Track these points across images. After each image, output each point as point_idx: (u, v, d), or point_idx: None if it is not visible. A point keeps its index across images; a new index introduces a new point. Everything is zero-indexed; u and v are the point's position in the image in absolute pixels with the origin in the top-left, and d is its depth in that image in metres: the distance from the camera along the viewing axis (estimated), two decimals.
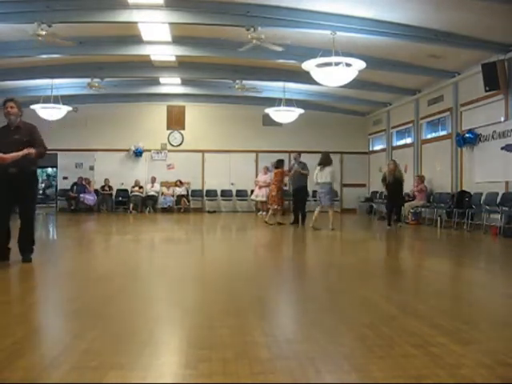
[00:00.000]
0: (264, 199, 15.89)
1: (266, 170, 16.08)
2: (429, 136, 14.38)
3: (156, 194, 17.42)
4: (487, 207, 10.28)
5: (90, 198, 16.50)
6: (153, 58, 12.54)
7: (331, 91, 14.82)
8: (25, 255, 5.58)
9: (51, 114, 14.06)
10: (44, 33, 8.71)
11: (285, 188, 15.74)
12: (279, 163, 12.04)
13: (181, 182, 17.37)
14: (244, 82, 14.24)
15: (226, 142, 17.84)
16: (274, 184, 11.85)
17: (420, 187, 13.08)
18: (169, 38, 11.06)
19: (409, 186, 13.97)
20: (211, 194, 17.92)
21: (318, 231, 10.08)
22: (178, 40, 11.22)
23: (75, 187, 16.64)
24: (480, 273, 5.86)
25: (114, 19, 9.30)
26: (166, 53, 11.90)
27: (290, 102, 14.93)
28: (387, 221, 11.45)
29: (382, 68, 11.88)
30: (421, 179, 13.27)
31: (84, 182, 16.59)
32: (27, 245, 5.63)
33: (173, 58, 12.63)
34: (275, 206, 11.61)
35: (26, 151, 5.27)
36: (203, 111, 18.10)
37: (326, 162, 10.64)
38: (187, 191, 17.57)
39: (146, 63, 13.14)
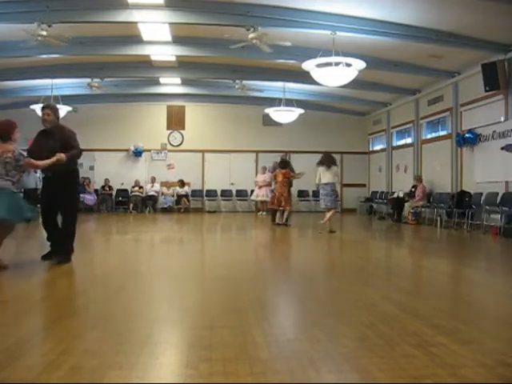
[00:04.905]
0: (264, 199, 15.89)
1: (265, 169, 16.08)
2: (429, 136, 14.37)
3: (156, 194, 17.42)
4: (487, 207, 10.28)
5: (89, 198, 16.48)
6: (153, 58, 12.54)
7: (331, 91, 14.82)
8: (58, 255, 5.67)
9: None
10: (44, 33, 8.72)
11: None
12: (285, 164, 11.88)
13: (183, 182, 17.37)
14: (244, 82, 14.24)
15: (226, 142, 17.84)
16: (284, 186, 11.46)
17: (420, 187, 13.11)
18: (169, 38, 11.06)
19: (408, 186, 14.03)
20: (211, 193, 17.93)
21: (318, 233, 10.06)
22: (178, 40, 11.22)
23: None
24: (480, 273, 5.86)
25: (114, 19, 9.29)
26: (166, 53, 11.90)
27: (289, 102, 14.93)
28: None
29: (381, 68, 11.88)
30: (419, 180, 13.35)
31: (84, 182, 16.59)
32: (62, 245, 5.71)
33: (173, 58, 12.63)
34: (288, 207, 11.47)
35: (54, 159, 5.33)
36: (203, 111, 18.10)
37: (332, 161, 10.39)
38: (187, 191, 17.58)
39: (145, 63, 13.14)
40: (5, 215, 4.89)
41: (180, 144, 18.13)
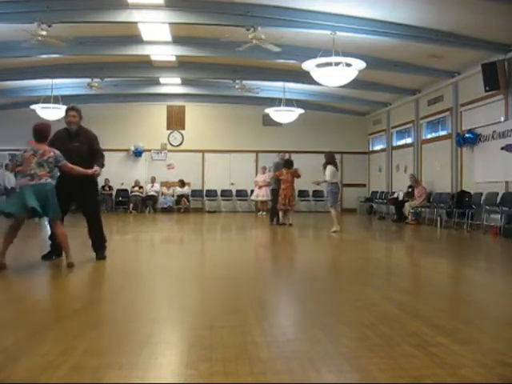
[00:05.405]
0: (264, 199, 15.89)
1: (265, 169, 16.08)
2: (429, 136, 14.37)
3: (156, 194, 17.42)
4: (487, 207, 10.28)
5: None
6: (153, 58, 12.54)
7: (331, 91, 14.83)
8: (98, 253, 5.87)
9: (51, 113, 14.01)
10: (44, 33, 8.72)
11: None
12: (291, 164, 11.92)
13: (183, 182, 17.38)
14: (244, 81, 14.24)
15: (226, 142, 17.84)
16: (292, 186, 11.58)
17: (419, 188, 13.14)
18: (169, 38, 11.07)
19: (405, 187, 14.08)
20: (211, 194, 17.93)
21: (319, 232, 10.06)
22: (178, 40, 11.22)
23: None
24: (480, 273, 5.86)
25: (114, 19, 9.29)
26: (166, 53, 11.90)
27: (289, 102, 14.93)
28: None
29: (381, 68, 11.88)
30: (415, 179, 13.43)
31: None
32: (99, 243, 5.91)
33: (173, 58, 12.64)
34: (290, 207, 11.62)
35: (91, 171, 5.63)
36: (203, 111, 18.11)
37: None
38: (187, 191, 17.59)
39: (145, 63, 13.14)
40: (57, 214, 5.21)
41: (180, 144, 18.13)
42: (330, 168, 10.12)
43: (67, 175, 5.56)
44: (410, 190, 13.58)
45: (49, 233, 5.93)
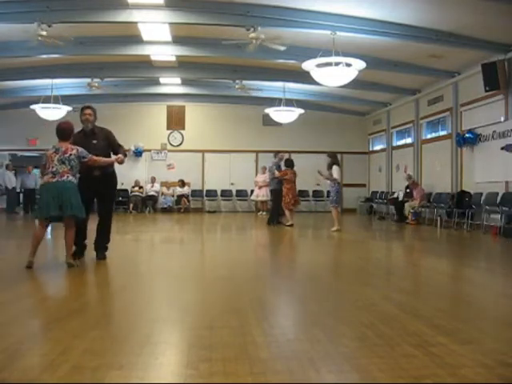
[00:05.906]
0: (264, 199, 15.88)
1: (265, 169, 16.07)
2: (429, 136, 14.37)
3: (156, 194, 17.42)
4: (487, 207, 10.28)
5: None
6: (153, 58, 12.54)
7: (331, 91, 14.82)
8: (99, 253, 5.87)
9: (51, 114, 14.05)
10: (44, 33, 8.72)
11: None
12: (292, 163, 11.89)
13: (183, 182, 17.38)
14: (244, 81, 14.25)
15: (226, 142, 17.84)
16: (295, 186, 11.64)
17: (418, 189, 13.14)
18: (169, 38, 11.07)
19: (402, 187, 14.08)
20: (211, 194, 17.94)
21: (319, 232, 10.06)
22: (178, 40, 11.22)
23: None
24: (480, 273, 5.86)
25: (114, 19, 9.30)
26: (166, 53, 11.90)
27: (289, 102, 14.93)
28: None
29: (381, 68, 11.88)
30: (411, 179, 13.45)
31: None
32: (103, 243, 5.92)
33: (173, 58, 12.64)
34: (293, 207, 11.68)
35: (114, 158, 5.71)
36: (203, 111, 18.11)
37: None
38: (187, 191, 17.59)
39: (145, 63, 13.14)
40: (79, 213, 5.29)
41: (180, 144, 18.14)
42: (336, 168, 10.20)
43: (87, 175, 5.60)
44: (407, 190, 13.58)
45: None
